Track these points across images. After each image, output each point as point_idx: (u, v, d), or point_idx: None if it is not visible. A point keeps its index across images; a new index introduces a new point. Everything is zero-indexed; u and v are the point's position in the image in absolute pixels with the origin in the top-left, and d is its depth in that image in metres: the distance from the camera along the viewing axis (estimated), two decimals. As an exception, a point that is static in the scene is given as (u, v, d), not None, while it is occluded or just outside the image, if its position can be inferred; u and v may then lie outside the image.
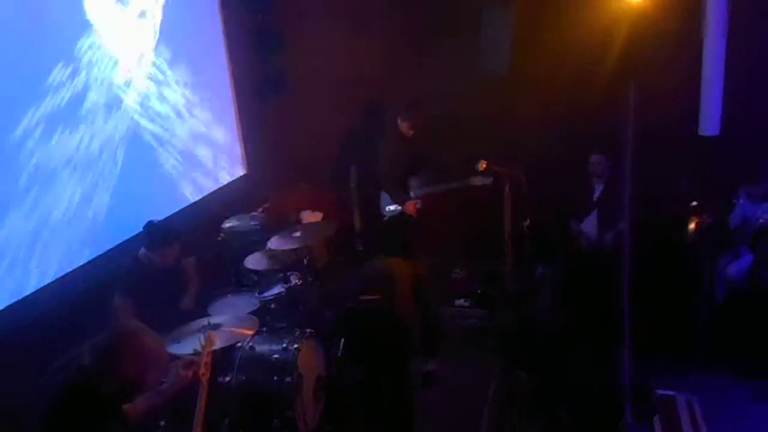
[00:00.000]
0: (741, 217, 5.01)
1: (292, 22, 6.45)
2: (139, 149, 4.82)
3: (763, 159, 4.88)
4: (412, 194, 5.42)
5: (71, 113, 4.17)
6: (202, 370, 2.80)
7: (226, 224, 5.76)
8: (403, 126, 5.42)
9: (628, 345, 2.31)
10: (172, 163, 5.23)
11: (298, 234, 4.57)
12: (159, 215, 4.55)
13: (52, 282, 4.01)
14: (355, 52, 6.29)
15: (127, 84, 4.72)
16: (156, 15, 5.10)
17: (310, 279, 4.60)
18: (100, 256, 4.36)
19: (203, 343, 2.93)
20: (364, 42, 6.28)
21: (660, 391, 4.20)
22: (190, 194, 5.48)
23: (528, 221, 4.42)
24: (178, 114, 5.35)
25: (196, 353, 2.94)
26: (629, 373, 2.58)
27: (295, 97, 6.60)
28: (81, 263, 4.23)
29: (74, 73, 4.22)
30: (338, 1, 6.31)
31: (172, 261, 4.12)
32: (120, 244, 4.52)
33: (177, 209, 5.14)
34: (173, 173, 5.24)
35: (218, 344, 3.47)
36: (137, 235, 4.26)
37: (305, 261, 4.59)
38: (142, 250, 4.05)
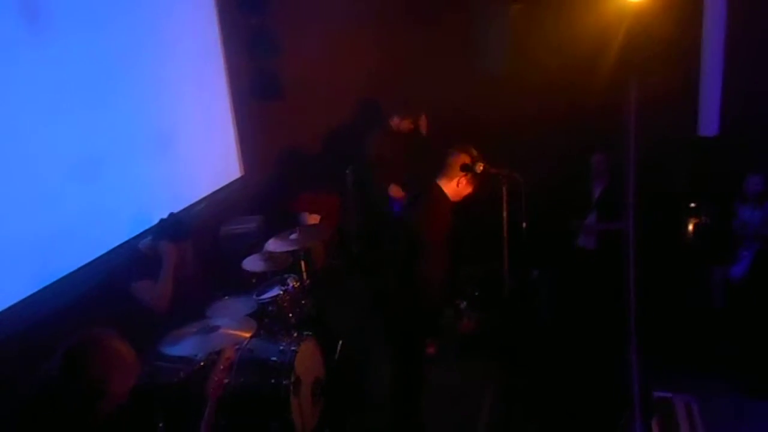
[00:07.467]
0: (741, 221, 5.03)
1: (287, 25, 6.46)
2: (136, 152, 4.80)
3: (762, 160, 4.90)
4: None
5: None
6: (212, 387, 2.75)
7: (224, 226, 5.76)
8: (403, 123, 5.52)
9: (635, 347, 2.29)
10: (170, 166, 5.21)
11: (295, 236, 4.56)
12: (156, 217, 4.52)
13: (54, 282, 3.99)
14: (350, 54, 6.30)
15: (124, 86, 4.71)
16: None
17: (308, 281, 4.59)
18: (98, 258, 4.34)
19: (218, 359, 2.88)
20: (359, 45, 6.30)
21: (658, 393, 4.19)
22: (187, 197, 5.45)
23: (525, 223, 4.42)
24: (175, 117, 5.33)
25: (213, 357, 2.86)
26: (637, 376, 2.57)
27: (291, 100, 6.61)
28: (80, 265, 4.21)
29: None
30: (333, 5, 6.31)
31: (188, 256, 4.07)
32: (120, 245, 4.50)
33: (175, 211, 5.12)
34: (170, 176, 5.22)
35: (217, 348, 3.47)
36: (138, 235, 4.24)
37: (303, 263, 4.58)
38: (147, 241, 4.01)
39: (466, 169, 3.72)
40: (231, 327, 3.60)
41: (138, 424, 2.76)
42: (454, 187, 3.74)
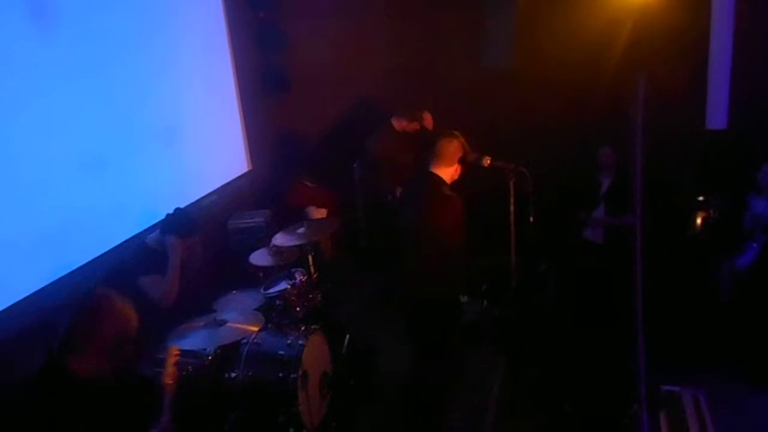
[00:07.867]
0: (752, 214, 5.00)
1: (294, 19, 6.45)
2: (143, 146, 4.82)
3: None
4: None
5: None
6: (167, 379, 2.83)
7: (231, 221, 5.78)
8: (410, 126, 5.54)
9: (643, 340, 2.29)
10: (177, 161, 5.23)
11: (302, 230, 4.57)
12: (164, 212, 4.55)
13: (61, 277, 4.01)
14: (357, 48, 6.29)
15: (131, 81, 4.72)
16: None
17: (315, 275, 4.60)
18: (105, 252, 4.36)
19: (166, 353, 2.96)
20: (367, 38, 6.29)
21: (665, 387, 4.19)
22: (195, 191, 5.47)
23: (532, 216, 4.42)
24: (183, 112, 5.34)
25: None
26: (644, 368, 2.57)
27: (299, 93, 6.62)
28: (88, 260, 4.23)
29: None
30: (340, -1, 6.32)
31: (195, 250, 4.10)
32: (127, 239, 4.52)
33: (182, 206, 5.14)
34: (178, 170, 5.24)
35: (225, 342, 3.54)
36: (145, 230, 4.26)
37: (310, 257, 4.59)
38: (154, 235, 4.03)
39: (469, 163, 3.77)
40: (238, 321, 3.63)
41: (146, 416, 2.79)
42: (452, 173, 3.92)
